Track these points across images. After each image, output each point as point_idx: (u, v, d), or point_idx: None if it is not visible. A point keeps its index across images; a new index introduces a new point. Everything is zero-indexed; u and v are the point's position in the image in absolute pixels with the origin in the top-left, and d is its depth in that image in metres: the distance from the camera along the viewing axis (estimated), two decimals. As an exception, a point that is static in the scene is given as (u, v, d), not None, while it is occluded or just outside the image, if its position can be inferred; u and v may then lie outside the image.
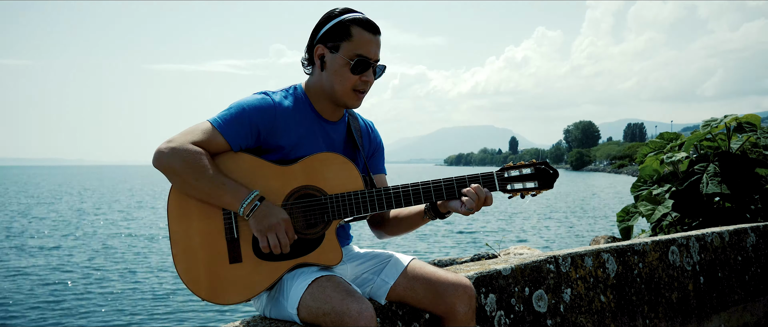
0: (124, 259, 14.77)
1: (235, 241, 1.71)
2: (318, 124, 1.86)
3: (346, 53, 1.76)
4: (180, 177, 1.65)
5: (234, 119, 1.72)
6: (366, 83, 1.81)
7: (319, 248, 1.74)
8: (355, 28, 1.76)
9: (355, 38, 1.76)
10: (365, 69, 1.78)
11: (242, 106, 1.75)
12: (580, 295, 2.55)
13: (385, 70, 1.87)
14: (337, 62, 1.77)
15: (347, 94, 1.80)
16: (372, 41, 1.78)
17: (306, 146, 1.81)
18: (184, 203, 1.71)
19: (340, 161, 1.79)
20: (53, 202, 37.54)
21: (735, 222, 4.48)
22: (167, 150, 1.64)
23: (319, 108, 1.87)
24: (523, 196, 1.83)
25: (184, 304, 9.85)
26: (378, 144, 2.08)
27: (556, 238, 18.31)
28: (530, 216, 25.22)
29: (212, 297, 1.68)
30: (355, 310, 1.54)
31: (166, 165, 1.65)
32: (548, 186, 1.84)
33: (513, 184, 1.83)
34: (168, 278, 12.08)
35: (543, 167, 1.84)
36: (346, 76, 1.77)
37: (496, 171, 1.84)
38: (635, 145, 54.93)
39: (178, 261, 1.69)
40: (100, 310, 9.76)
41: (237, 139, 1.73)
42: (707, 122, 5.16)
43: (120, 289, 11.17)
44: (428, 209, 1.89)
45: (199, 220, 1.71)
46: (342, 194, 1.76)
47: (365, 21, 1.78)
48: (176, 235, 1.70)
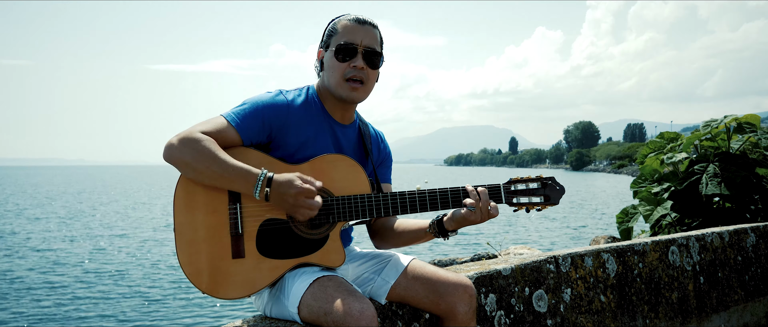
0: (120, 260, 14.77)
1: (239, 236, 1.71)
2: (328, 125, 1.88)
3: (333, 45, 1.83)
4: (190, 166, 1.65)
5: (248, 115, 1.74)
6: (356, 69, 1.81)
7: (322, 249, 1.75)
8: (341, 22, 1.85)
9: (340, 31, 1.83)
10: (351, 54, 1.81)
11: (256, 102, 1.77)
12: (580, 295, 2.55)
13: (382, 60, 1.88)
14: (328, 56, 1.84)
15: (339, 84, 1.82)
16: (357, 29, 1.83)
17: (314, 146, 1.82)
18: (190, 195, 1.71)
19: (349, 164, 1.80)
20: (47, 203, 37.51)
21: (735, 222, 4.48)
22: (177, 141, 1.66)
23: (329, 109, 1.89)
24: (529, 210, 1.83)
25: (183, 307, 9.85)
26: (387, 154, 2.10)
27: (556, 238, 18.31)
28: (530, 216, 25.22)
29: (212, 290, 1.69)
30: (356, 309, 1.54)
31: (178, 155, 1.65)
32: (554, 202, 1.84)
33: (519, 197, 1.83)
34: (166, 279, 12.09)
35: (550, 182, 1.85)
36: (335, 65, 1.82)
37: (502, 183, 1.84)
38: (635, 145, 54.92)
39: (181, 252, 1.69)
40: (99, 310, 9.76)
41: (249, 134, 1.74)
42: (707, 122, 5.16)
43: (118, 290, 11.17)
44: (433, 225, 1.89)
45: (205, 214, 1.71)
46: (348, 197, 1.77)
47: (352, 16, 1.85)
48: (181, 227, 1.70)
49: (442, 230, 1.86)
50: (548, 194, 1.84)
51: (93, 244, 17.91)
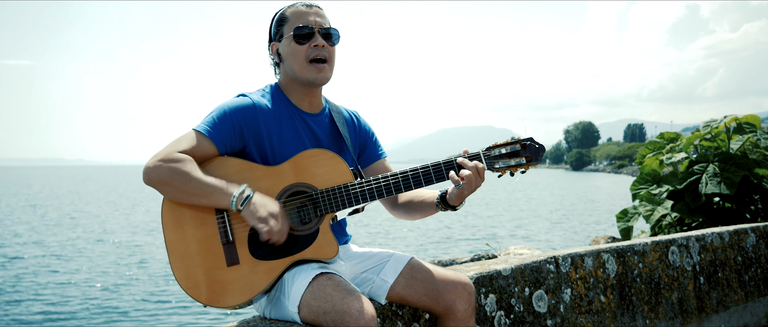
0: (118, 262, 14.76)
1: (230, 244, 1.71)
2: (298, 118, 1.88)
3: (287, 32, 1.85)
4: (169, 186, 1.66)
5: (216, 122, 1.75)
6: (318, 49, 1.83)
7: (314, 243, 1.75)
8: (289, 11, 1.87)
9: (291, 18, 1.85)
10: (309, 36, 1.83)
11: (223, 108, 1.78)
12: (580, 295, 2.55)
13: (339, 36, 1.90)
14: (285, 44, 1.86)
15: (304, 68, 1.83)
16: (307, 12, 1.85)
17: (289, 141, 1.83)
18: (177, 212, 1.72)
19: (328, 156, 1.80)
20: (42, 204, 37.48)
21: (735, 222, 4.48)
22: (153, 164, 1.66)
23: (296, 101, 1.89)
24: (513, 173, 1.83)
25: (183, 307, 9.85)
26: (367, 132, 2.08)
27: (556, 238, 18.31)
28: (530, 216, 25.22)
29: (213, 301, 1.69)
30: (356, 308, 1.54)
31: (155, 178, 1.66)
32: (536, 160, 1.83)
33: (501, 161, 1.83)
34: (163, 281, 12.09)
35: (529, 143, 1.84)
36: (295, 50, 1.83)
37: (482, 150, 1.84)
38: (635, 145, 54.98)
39: (176, 269, 1.70)
40: (99, 310, 9.75)
41: (222, 141, 1.74)
42: (707, 123, 5.16)
43: (118, 289, 11.17)
44: (439, 201, 1.89)
45: (194, 227, 1.71)
46: (332, 188, 1.78)
47: (298, 3, 1.88)
48: (172, 244, 1.71)
49: (448, 206, 1.86)
50: (529, 154, 1.83)
51: (93, 243, 17.92)
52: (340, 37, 1.91)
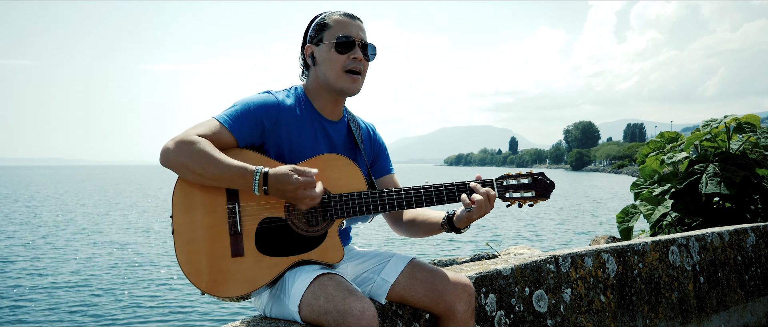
0: (117, 262, 14.77)
1: (238, 235, 1.72)
2: (318, 122, 1.90)
3: (328, 39, 1.86)
4: (187, 167, 1.66)
5: (239, 115, 1.76)
6: (356, 61, 1.85)
7: (321, 246, 1.76)
8: (332, 18, 1.88)
9: (333, 26, 1.87)
10: (350, 46, 1.85)
11: (247, 103, 1.79)
12: (580, 295, 2.56)
13: (376, 52, 1.92)
14: (324, 50, 1.86)
15: (340, 77, 1.85)
16: (350, 24, 1.87)
17: (307, 144, 1.84)
18: (189, 196, 1.72)
19: (345, 163, 1.83)
20: (40, 204, 37.49)
21: (735, 222, 4.48)
22: (173, 145, 1.67)
23: (318, 106, 1.91)
24: (521, 205, 1.87)
25: (183, 308, 9.85)
26: (380, 146, 2.11)
27: (556, 238, 18.32)
28: (530, 216, 25.22)
29: (212, 289, 1.69)
30: (357, 308, 1.55)
31: (173, 158, 1.67)
32: (545, 196, 1.88)
33: (511, 192, 1.87)
34: (166, 279, 12.09)
35: (540, 178, 1.89)
36: (334, 58, 1.84)
37: (495, 179, 1.88)
38: (635, 145, 54.98)
39: (180, 252, 1.70)
40: (99, 310, 9.76)
41: (243, 134, 1.76)
42: (707, 122, 5.16)
43: (118, 289, 11.17)
44: (445, 222, 1.92)
45: (204, 214, 1.72)
46: (345, 194, 1.79)
47: (342, 12, 1.90)
48: (180, 227, 1.71)
49: (453, 228, 1.89)
50: (539, 189, 1.88)
51: (91, 244, 17.92)
52: (377, 54, 1.93)
